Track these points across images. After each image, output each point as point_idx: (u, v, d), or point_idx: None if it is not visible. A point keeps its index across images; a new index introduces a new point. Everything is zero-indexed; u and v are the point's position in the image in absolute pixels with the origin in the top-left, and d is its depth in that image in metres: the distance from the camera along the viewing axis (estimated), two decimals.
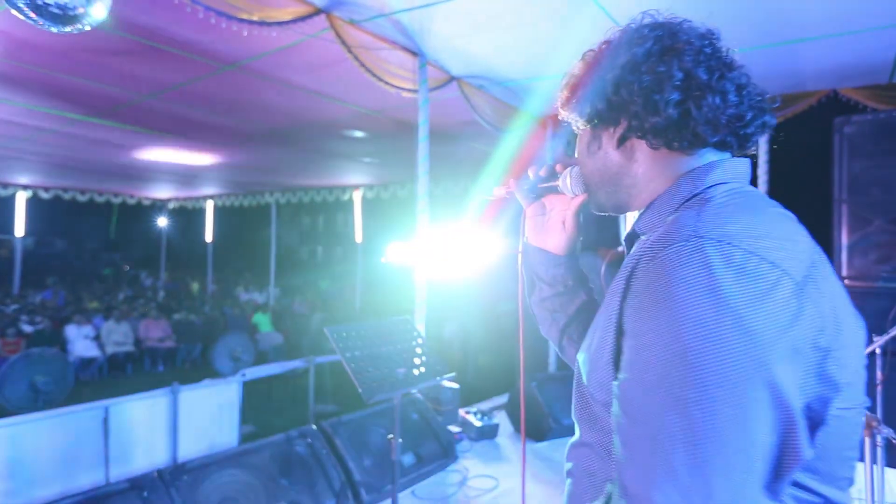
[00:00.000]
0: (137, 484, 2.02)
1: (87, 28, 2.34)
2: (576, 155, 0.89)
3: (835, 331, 0.62)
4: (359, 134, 6.47)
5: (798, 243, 0.65)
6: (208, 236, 13.50)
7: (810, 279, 0.61)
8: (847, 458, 0.66)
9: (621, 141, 0.78)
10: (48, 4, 2.22)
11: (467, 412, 3.67)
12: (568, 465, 0.82)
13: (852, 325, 0.66)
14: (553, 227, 0.99)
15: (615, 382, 0.65)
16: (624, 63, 0.74)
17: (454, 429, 3.47)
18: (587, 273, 1.02)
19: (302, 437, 2.54)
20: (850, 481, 0.67)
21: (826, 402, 0.60)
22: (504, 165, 5.44)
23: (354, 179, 10.24)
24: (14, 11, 2.30)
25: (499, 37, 3.59)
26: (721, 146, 0.75)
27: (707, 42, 0.73)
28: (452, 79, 4.31)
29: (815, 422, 0.60)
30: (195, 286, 15.16)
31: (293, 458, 2.46)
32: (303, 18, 3.08)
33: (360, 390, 1.81)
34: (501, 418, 3.78)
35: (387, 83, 3.77)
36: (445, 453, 3.03)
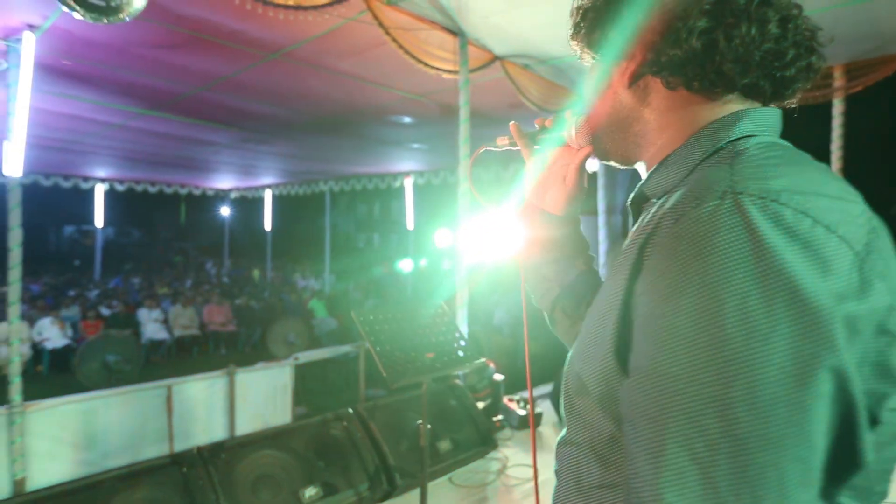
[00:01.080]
0: (178, 459, 2.09)
1: (128, 18, 2.41)
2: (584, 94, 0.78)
3: None
4: (406, 119, 6.45)
5: (854, 204, 0.53)
6: (267, 225, 14.01)
7: (873, 249, 0.50)
8: (888, 469, 0.54)
9: (634, 78, 0.66)
10: None
11: (511, 399, 3.60)
12: (555, 465, 0.71)
13: None
14: (553, 182, 0.87)
15: (626, 379, 0.54)
16: None
17: (497, 417, 3.42)
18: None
19: (338, 419, 2.55)
20: (884, 495, 0.56)
21: (881, 398, 0.48)
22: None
23: (405, 166, 10.28)
24: (63, 6, 2.40)
25: (541, 10, 3.44)
26: (751, 91, 0.62)
27: None
28: (496, 58, 4.19)
29: (871, 421, 0.48)
30: (256, 273, 15.81)
31: (329, 440, 2.48)
32: (339, 1, 3.06)
33: (384, 374, 1.78)
34: (546, 407, 3.68)
35: (426, 65, 3.70)
36: (484, 441, 2.98)
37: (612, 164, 0.77)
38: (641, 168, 0.72)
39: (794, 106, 0.66)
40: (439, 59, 3.81)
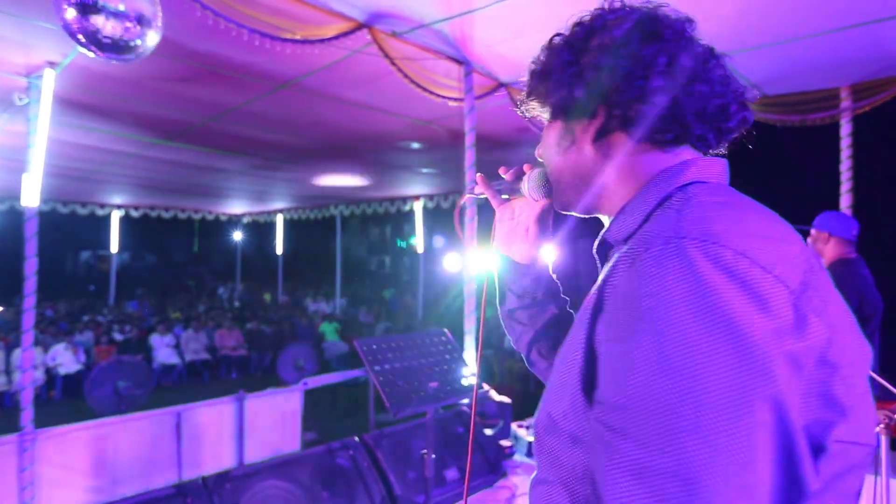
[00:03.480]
0: (183, 490, 2.09)
1: (143, 56, 2.50)
2: (537, 152, 0.81)
3: (841, 345, 0.53)
4: (415, 145, 6.54)
5: (791, 245, 0.56)
6: (278, 249, 14.14)
7: (809, 286, 0.53)
8: (848, 498, 0.55)
9: (600, 134, 0.69)
10: (106, 38, 2.38)
11: (520, 426, 3.56)
12: None
13: (858, 341, 0.56)
14: (517, 233, 0.92)
15: (592, 414, 0.56)
16: (600, 46, 0.66)
17: (505, 443, 3.37)
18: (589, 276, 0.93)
19: (344, 448, 2.54)
20: None
21: (827, 426, 0.51)
22: None
23: (415, 190, 10.38)
24: (79, 47, 2.49)
25: (543, 39, 3.49)
26: (699, 143, 0.68)
27: (689, 28, 0.66)
28: (501, 85, 4.25)
29: (814, 449, 0.51)
30: (268, 297, 15.89)
31: (335, 469, 2.46)
32: (345, 34, 3.14)
33: (387, 405, 1.78)
34: None
35: (432, 93, 3.77)
36: (492, 469, 2.94)
37: (573, 213, 0.79)
38: (604, 216, 0.75)
39: (800, 126, 0.72)
40: (445, 86, 3.88)
